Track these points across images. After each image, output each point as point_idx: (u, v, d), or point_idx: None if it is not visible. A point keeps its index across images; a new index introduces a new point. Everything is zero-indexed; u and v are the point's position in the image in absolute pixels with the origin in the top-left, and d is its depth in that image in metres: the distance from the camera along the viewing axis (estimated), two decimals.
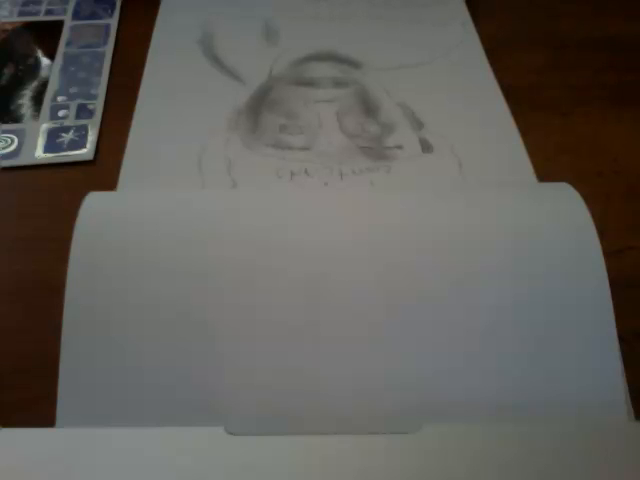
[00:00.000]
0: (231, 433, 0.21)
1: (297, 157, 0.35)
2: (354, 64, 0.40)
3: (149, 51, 0.41)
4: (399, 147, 0.35)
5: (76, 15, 0.45)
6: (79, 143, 0.36)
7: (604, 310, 0.24)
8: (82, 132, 0.36)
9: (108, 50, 0.42)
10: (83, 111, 0.38)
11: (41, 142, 0.36)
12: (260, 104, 0.38)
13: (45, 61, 0.41)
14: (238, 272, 0.24)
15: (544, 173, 0.33)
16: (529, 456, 0.21)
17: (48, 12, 0.45)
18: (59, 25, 0.44)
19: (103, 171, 0.34)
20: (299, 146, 0.35)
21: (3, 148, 0.35)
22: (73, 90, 0.39)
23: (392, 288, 0.24)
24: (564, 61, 0.41)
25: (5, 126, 0.37)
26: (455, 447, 0.21)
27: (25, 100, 0.39)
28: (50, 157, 0.35)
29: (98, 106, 0.38)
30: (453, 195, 0.28)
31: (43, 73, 0.40)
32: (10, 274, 0.30)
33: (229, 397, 0.23)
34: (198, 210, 0.26)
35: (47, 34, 0.43)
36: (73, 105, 0.38)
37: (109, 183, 0.33)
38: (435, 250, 0.25)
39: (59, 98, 0.39)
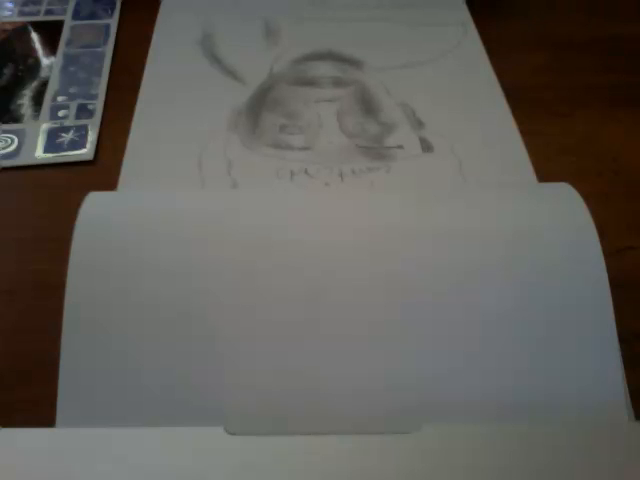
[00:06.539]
0: (231, 433, 0.21)
1: (297, 157, 0.35)
2: (354, 64, 0.40)
3: (149, 51, 0.41)
4: (399, 147, 0.35)
5: (76, 15, 0.45)
6: (79, 143, 0.36)
7: (604, 310, 0.24)
8: (82, 132, 0.36)
9: (108, 50, 0.42)
10: (83, 111, 0.38)
11: (41, 142, 0.36)
12: (260, 104, 0.38)
13: (45, 61, 0.41)
14: (238, 272, 0.24)
15: (544, 173, 0.33)
16: (529, 456, 0.21)
17: (48, 12, 0.45)
18: (59, 25, 0.44)
19: (103, 171, 0.34)
20: (299, 146, 0.35)
21: (3, 148, 0.35)
22: (73, 90, 0.39)
23: (392, 288, 0.24)
24: (564, 61, 0.41)
25: (5, 126, 0.37)
26: (455, 447, 0.21)
27: (25, 100, 0.39)
28: (50, 157, 0.35)
29: (98, 106, 0.38)
30: (453, 195, 0.28)
31: (43, 73, 0.40)
32: (10, 274, 0.30)
33: (229, 397, 0.23)
34: (198, 210, 0.26)
35: (47, 34, 0.43)
36: (73, 105, 0.38)
37: (109, 183, 0.33)
38: (435, 250, 0.25)
39: (59, 98, 0.39)
